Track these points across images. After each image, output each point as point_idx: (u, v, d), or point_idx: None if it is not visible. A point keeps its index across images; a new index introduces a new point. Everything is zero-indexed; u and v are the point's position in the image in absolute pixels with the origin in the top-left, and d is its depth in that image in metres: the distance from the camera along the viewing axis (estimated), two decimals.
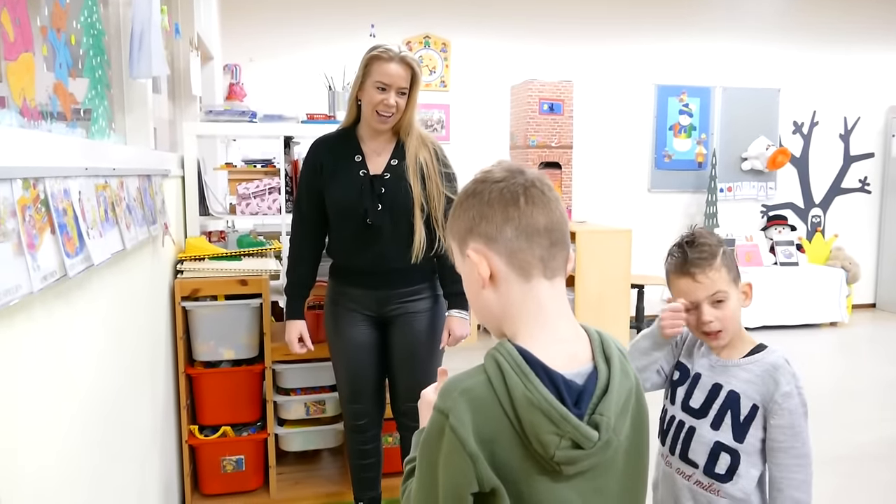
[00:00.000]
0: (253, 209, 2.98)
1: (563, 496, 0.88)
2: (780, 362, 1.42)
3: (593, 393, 0.88)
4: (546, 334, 0.91)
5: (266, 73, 5.13)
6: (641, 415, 0.96)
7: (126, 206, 1.69)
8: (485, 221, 0.91)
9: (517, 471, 0.86)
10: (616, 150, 5.86)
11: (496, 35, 5.57)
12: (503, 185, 0.91)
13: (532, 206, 0.90)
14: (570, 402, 0.85)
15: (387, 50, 2.12)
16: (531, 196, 0.91)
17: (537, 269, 0.91)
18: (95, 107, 1.77)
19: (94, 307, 1.49)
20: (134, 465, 1.87)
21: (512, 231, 0.90)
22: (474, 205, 0.93)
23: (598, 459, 0.87)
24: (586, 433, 0.84)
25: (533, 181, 0.92)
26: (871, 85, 6.33)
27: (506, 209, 0.90)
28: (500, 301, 0.93)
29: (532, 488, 0.87)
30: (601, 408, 0.87)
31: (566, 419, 0.83)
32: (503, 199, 0.91)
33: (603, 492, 0.92)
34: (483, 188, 0.93)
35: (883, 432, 3.52)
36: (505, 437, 0.85)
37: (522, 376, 0.85)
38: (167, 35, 2.57)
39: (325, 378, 2.72)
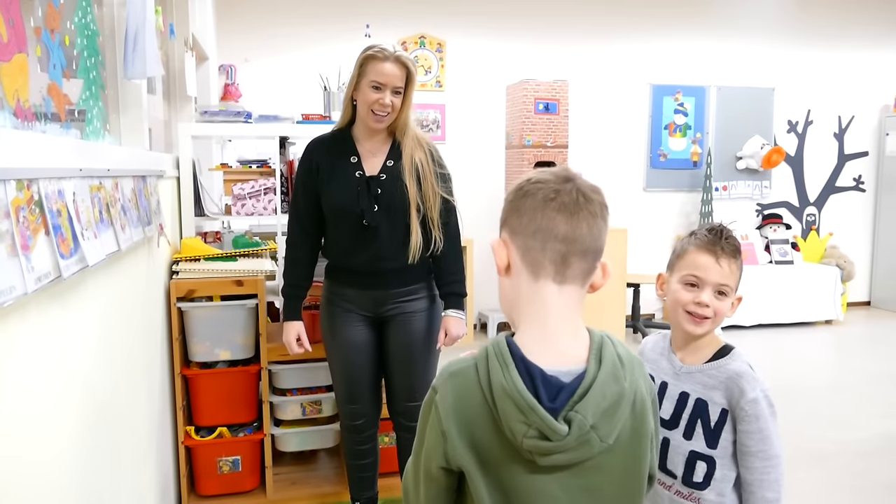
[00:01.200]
0: (248, 210, 2.98)
1: (542, 487, 0.93)
2: (744, 369, 1.41)
3: (575, 391, 0.90)
4: (542, 332, 0.96)
5: (261, 74, 5.12)
6: (639, 423, 0.97)
7: (121, 206, 1.69)
8: (515, 215, 0.98)
9: (496, 455, 0.92)
10: (611, 150, 5.87)
11: (491, 35, 5.58)
12: (542, 187, 0.96)
13: (558, 213, 0.94)
14: (544, 395, 0.89)
15: (382, 49, 2.12)
16: (563, 203, 0.94)
17: (547, 272, 0.95)
18: (90, 108, 1.77)
19: (88, 308, 1.49)
20: (130, 466, 1.86)
21: (531, 230, 0.95)
22: (515, 198, 0.99)
23: (576, 456, 0.90)
24: (553, 426, 0.88)
25: (573, 190, 0.95)
26: (865, 84, 6.35)
27: (534, 209, 0.95)
28: (512, 291, 1.00)
29: (510, 473, 0.92)
30: (579, 406, 0.89)
31: (533, 409, 0.88)
32: (535, 199, 0.95)
33: (594, 493, 0.95)
34: (527, 185, 0.98)
35: (877, 429, 3.53)
36: (484, 421, 0.92)
37: (503, 366, 0.91)
38: (162, 36, 2.56)
39: (322, 378, 2.72)
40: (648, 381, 1.02)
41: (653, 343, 1.59)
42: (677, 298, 1.45)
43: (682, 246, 1.48)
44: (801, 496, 2.80)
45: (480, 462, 0.93)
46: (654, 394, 1.03)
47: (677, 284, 1.46)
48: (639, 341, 5.28)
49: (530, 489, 0.93)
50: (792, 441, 3.07)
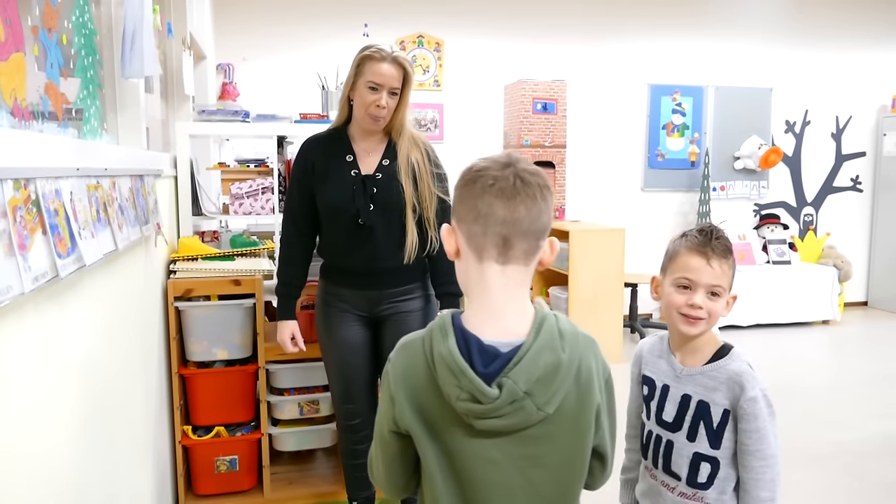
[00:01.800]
0: (246, 209, 2.98)
1: (482, 452, 1.00)
2: (744, 368, 1.42)
3: (510, 360, 0.97)
4: (487, 308, 1.03)
5: (259, 73, 5.12)
6: (584, 396, 1.03)
7: (118, 206, 1.69)
8: (459, 203, 1.04)
9: (440, 420, 1.01)
10: (609, 150, 5.87)
11: (490, 34, 5.58)
12: (482, 175, 1.01)
13: (497, 198, 0.99)
14: (478, 361, 0.97)
15: (379, 50, 2.11)
16: (501, 189, 0.99)
17: (490, 254, 1.01)
18: (87, 107, 1.76)
19: (86, 308, 1.48)
20: (127, 465, 1.86)
21: (473, 216, 1.01)
22: (459, 186, 1.04)
23: (514, 422, 0.97)
24: (482, 388, 0.95)
25: (511, 175, 1.00)
26: (862, 84, 6.36)
27: (475, 196, 1.01)
28: (463, 273, 1.07)
29: (452, 437, 1.01)
30: (511, 373, 0.96)
31: (464, 373, 0.95)
32: (476, 187, 1.01)
33: (537, 462, 1.02)
34: (469, 174, 1.03)
35: (873, 429, 3.54)
36: (428, 388, 1.00)
37: (444, 336, 0.99)
38: (159, 34, 2.56)
39: (319, 378, 2.72)
40: (602, 361, 1.08)
41: (650, 345, 1.59)
42: (671, 301, 1.46)
43: (673, 248, 1.49)
44: (798, 497, 2.80)
45: (427, 426, 1.02)
46: (608, 374, 1.10)
47: (670, 287, 1.46)
48: (636, 341, 5.28)
49: (471, 452, 1.01)
50: (788, 441, 3.07)
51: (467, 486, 1.03)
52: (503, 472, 1.02)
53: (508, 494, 1.03)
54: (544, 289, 5.13)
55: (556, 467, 1.03)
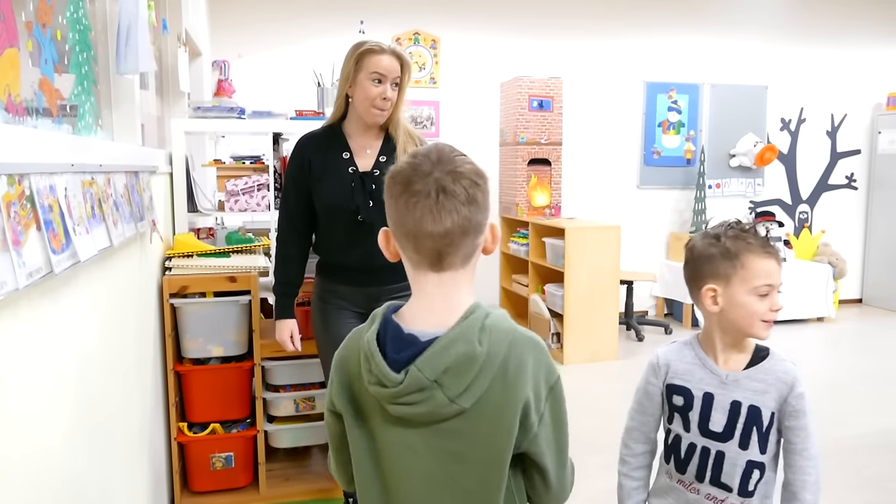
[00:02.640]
0: (242, 206, 2.97)
1: (402, 439, 1.02)
2: (790, 367, 1.41)
3: (422, 351, 0.98)
4: (419, 301, 1.05)
5: (255, 70, 5.11)
6: (508, 395, 0.99)
7: (113, 202, 1.68)
8: (388, 215, 1.04)
9: (365, 405, 1.04)
10: (605, 147, 5.88)
11: (486, 31, 5.57)
12: (403, 191, 1.00)
13: (423, 216, 0.98)
14: (391, 348, 0.99)
15: (377, 43, 2.13)
16: (425, 207, 0.98)
17: (424, 266, 1.03)
18: (82, 103, 1.76)
19: (80, 304, 1.48)
20: (122, 462, 1.86)
21: (402, 233, 1.02)
22: (386, 197, 1.04)
23: (425, 411, 0.97)
24: (384, 372, 0.97)
25: (433, 189, 0.98)
26: (857, 82, 6.38)
27: (400, 214, 1.01)
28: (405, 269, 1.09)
29: (375, 423, 1.04)
30: (418, 361, 0.97)
31: (373, 356, 0.99)
32: (399, 204, 1.00)
33: (457, 457, 1.01)
34: (392, 187, 1.02)
35: (868, 426, 3.55)
36: (358, 373, 1.03)
37: (371, 323, 1.04)
38: (154, 31, 2.55)
39: (315, 374, 2.72)
40: (547, 365, 1.04)
41: (676, 354, 1.50)
42: (753, 310, 1.40)
43: (732, 248, 1.39)
44: None
45: (354, 410, 1.06)
46: (553, 380, 1.05)
47: (748, 296, 1.39)
48: (631, 338, 5.29)
49: (392, 439, 1.02)
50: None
51: (388, 473, 1.04)
52: (422, 462, 1.02)
53: (428, 485, 1.03)
54: (540, 286, 5.14)
55: (478, 464, 1.01)
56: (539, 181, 5.33)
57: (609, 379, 4.36)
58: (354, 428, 1.06)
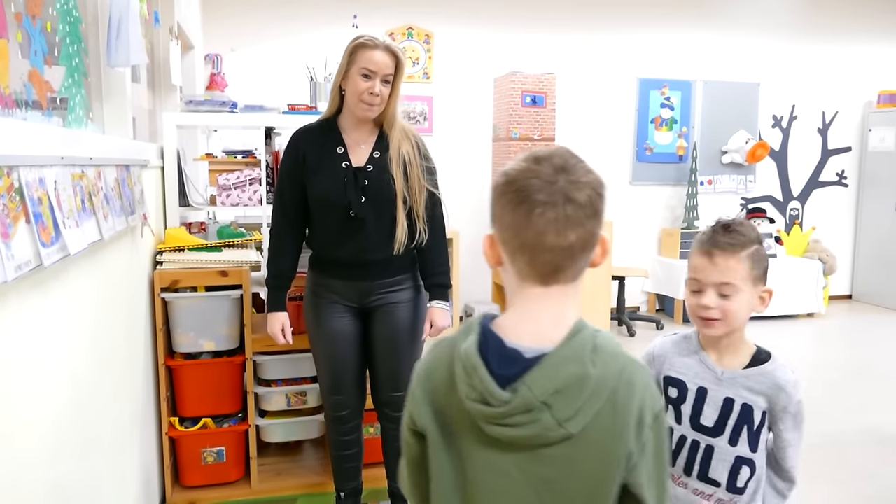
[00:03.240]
0: (234, 200, 2.96)
1: (496, 462, 0.92)
2: (789, 377, 1.40)
3: (529, 368, 0.90)
4: (520, 312, 0.96)
5: (247, 64, 5.08)
6: (619, 423, 0.91)
7: (104, 195, 1.68)
8: (499, 224, 0.94)
9: (455, 422, 0.94)
10: (598, 143, 5.89)
11: (479, 27, 5.57)
12: (526, 197, 0.90)
13: (546, 228, 0.89)
14: (494, 362, 0.90)
15: (372, 38, 2.12)
16: (549, 220, 0.89)
17: (532, 278, 0.94)
18: (72, 95, 1.75)
19: (70, 298, 1.48)
20: (112, 456, 1.86)
21: (518, 244, 0.92)
22: (501, 203, 0.93)
23: (529, 434, 0.88)
24: (491, 388, 0.88)
25: (560, 200, 0.89)
26: (848, 80, 6.40)
27: (519, 225, 0.91)
28: (505, 280, 0.99)
29: (466, 442, 0.94)
30: (527, 377, 0.89)
31: (476, 370, 0.89)
32: (520, 213, 0.90)
33: (553, 486, 0.92)
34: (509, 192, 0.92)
35: (856, 420, 3.58)
36: (447, 387, 0.94)
37: (467, 333, 0.94)
38: (146, 23, 2.54)
39: (307, 369, 2.72)
40: (653, 392, 0.94)
41: (672, 345, 1.50)
42: (690, 304, 1.41)
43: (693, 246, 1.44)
44: None
45: (442, 428, 0.96)
46: (658, 408, 0.94)
47: (687, 289, 1.42)
48: (624, 334, 5.31)
49: (484, 461, 0.93)
50: None
51: (475, 496, 0.95)
52: (515, 489, 0.92)
53: None
54: None
55: (577, 495, 0.92)
56: None
57: None
58: (440, 450, 0.96)
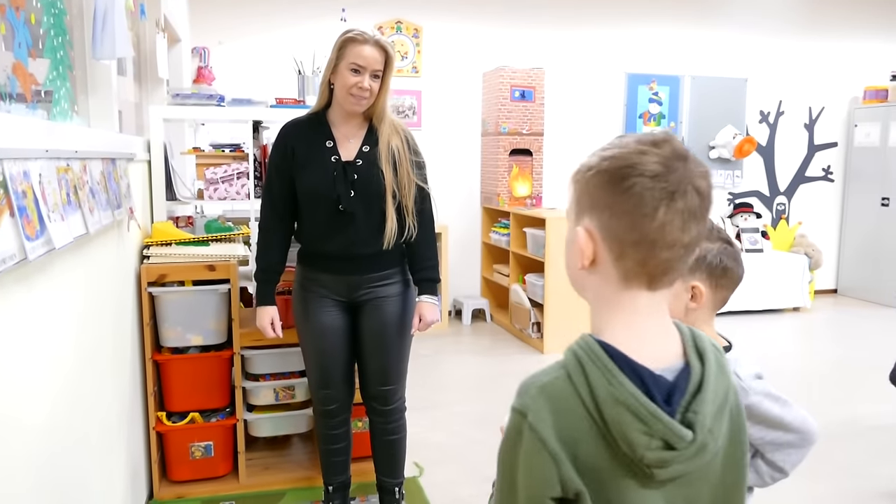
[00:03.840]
0: (221, 194, 2.95)
1: (644, 500, 0.81)
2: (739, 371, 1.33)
3: (685, 390, 0.80)
4: (630, 332, 0.83)
5: (235, 57, 5.06)
6: (740, 419, 0.87)
7: (89, 189, 1.67)
8: (609, 213, 0.81)
9: (604, 475, 0.80)
10: (587, 138, 5.89)
11: (468, 21, 5.56)
12: (650, 185, 0.78)
13: (672, 221, 0.79)
14: (659, 398, 0.78)
15: (362, 33, 2.11)
16: (677, 211, 0.79)
17: (642, 281, 0.82)
18: (57, 88, 1.74)
19: (55, 292, 1.47)
20: (99, 451, 1.85)
21: (634, 239, 0.80)
22: (611, 191, 0.80)
23: (692, 465, 0.80)
24: (679, 432, 0.77)
25: (689, 188, 0.79)
26: (835, 76, 6.45)
27: (640, 215, 0.79)
28: (594, 287, 0.86)
29: (621, 494, 0.80)
30: (695, 405, 0.79)
31: (656, 417, 0.77)
32: (642, 201, 0.79)
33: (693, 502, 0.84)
34: (628, 176, 0.79)
35: (840, 413, 3.62)
36: (589, 438, 0.79)
37: (605, 371, 0.79)
38: (132, 16, 2.52)
39: (295, 363, 2.72)
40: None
41: None
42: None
43: None
44: None
45: (594, 484, 0.80)
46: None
47: None
48: None
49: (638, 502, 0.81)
50: None
51: None
52: None
53: None
54: (521, 276, 5.16)
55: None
56: (520, 171, 5.34)
57: None
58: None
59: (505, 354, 4.71)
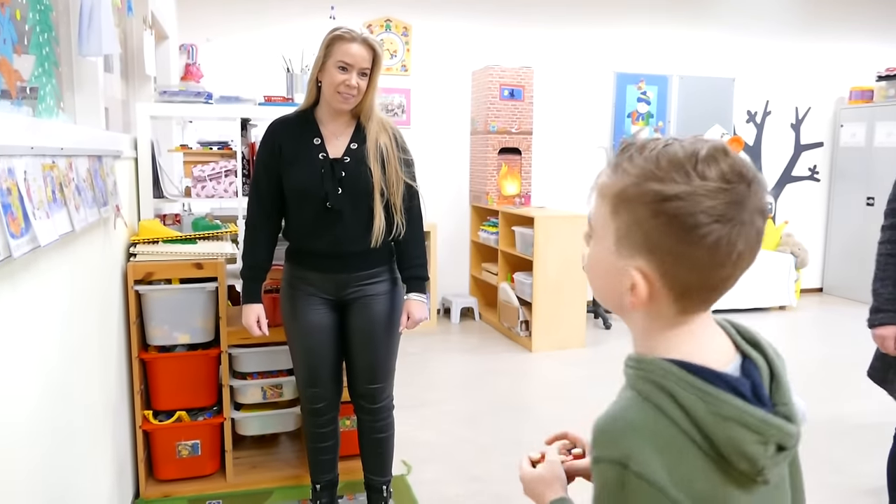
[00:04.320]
0: (209, 192, 2.94)
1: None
2: None
3: (762, 384, 0.76)
4: (693, 343, 0.77)
5: (223, 54, 5.03)
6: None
7: (75, 186, 1.66)
8: (674, 259, 0.73)
9: (718, 494, 0.72)
10: (575, 137, 5.92)
11: (458, 19, 5.56)
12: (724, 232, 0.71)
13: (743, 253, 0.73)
14: (753, 401, 0.72)
15: (349, 31, 2.11)
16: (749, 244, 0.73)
17: (702, 308, 0.77)
18: (42, 85, 1.73)
19: (41, 290, 1.46)
20: (85, 450, 1.84)
21: (701, 282, 0.74)
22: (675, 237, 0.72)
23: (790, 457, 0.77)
24: (789, 430, 0.72)
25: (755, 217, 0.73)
26: (821, 76, 6.50)
27: (717, 266, 0.73)
28: (642, 316, 0.79)
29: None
30: (779, 396, 0.76)
31: (768, 423, 0.71)
32: (717, 251, 0.71)
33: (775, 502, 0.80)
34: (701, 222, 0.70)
35: (826, 412, 3.65)
36: (700, 469, 0.71)
37: (696, 390, 0.71)
38: (119, 12, 2.51)
39: (282, 362, 2.71)
40: None
41: None
42: None
43: None
44: None
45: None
46: None
47: None
48: (600, 327, 5.36)
49: None
50: None
51: None
52: None
53: None
54: (510, 274, 5.17)
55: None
56: (509, 170, 5.35)
57: (576, 366, 4.41)
58: None
59: (493, 353, 4.73)
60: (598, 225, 0.81)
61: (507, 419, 3.52)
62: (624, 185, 0.76)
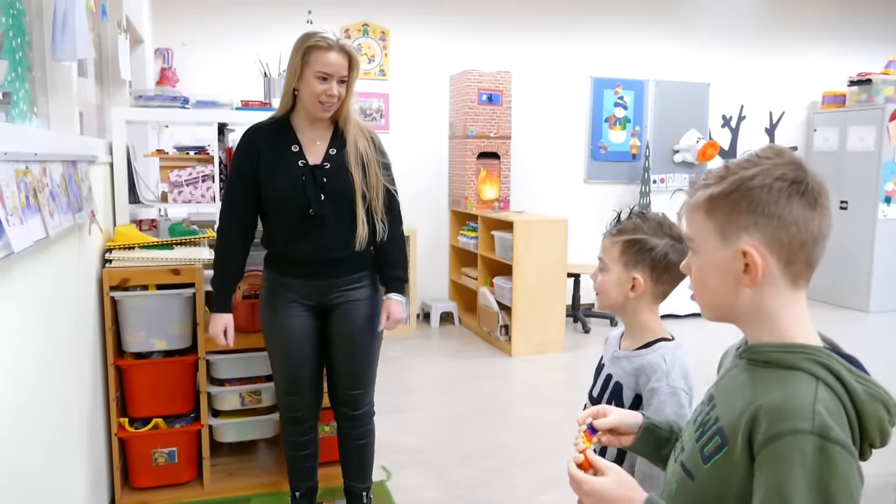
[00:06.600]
0: (185, 197, 2.92)
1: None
2: (657, 361, 1.41)
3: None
4: (812, 328, 0.91)
5: (199, 59, 5.00)
6: None
7: (49, 192, 1.64)
8: (778, 222, 0.87)
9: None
10: (553, 141, 5.96)
11: (435, 24, 5.57)
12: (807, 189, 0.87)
13: (826, 212, 0.89)
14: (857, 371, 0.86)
15: (324, 38, 2.09)
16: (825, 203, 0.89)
17: (804, 279, 0.90)
18: (16, 90, 1.71)
19: (15, 297, 1.44)
20: (59, 459, 1.82)
21: (804, 240, 0.88)
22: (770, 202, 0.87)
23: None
24: None
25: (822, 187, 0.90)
26: (794, 81, 6.61)
27: (807, 217, 0.87)
28: (758, 301, 0.91)
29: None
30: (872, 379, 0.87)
31: (894, 401, 0.84)
32: (806, 203, 0.87)
33: None
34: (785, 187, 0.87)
35: None
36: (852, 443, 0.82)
37: (853, 374, 0.84)
38: (93, 16, 2.48)
39: (261, 368, 2.69)
40: None
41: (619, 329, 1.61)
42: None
43: None
44: None
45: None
46: None
47: None
48: (579, 331, 5.39)
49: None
50: None
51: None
52: None
53: None
54: (489, 279, 5.18)
55: None
56: (488, 175, 5.37)
57: (556, 370, 4.43)
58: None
59: (473, 357, 4.73)
60: (698, 235, 0.93)
61: (488, 424, 3.52)
62: (710, 192, 0.91)
